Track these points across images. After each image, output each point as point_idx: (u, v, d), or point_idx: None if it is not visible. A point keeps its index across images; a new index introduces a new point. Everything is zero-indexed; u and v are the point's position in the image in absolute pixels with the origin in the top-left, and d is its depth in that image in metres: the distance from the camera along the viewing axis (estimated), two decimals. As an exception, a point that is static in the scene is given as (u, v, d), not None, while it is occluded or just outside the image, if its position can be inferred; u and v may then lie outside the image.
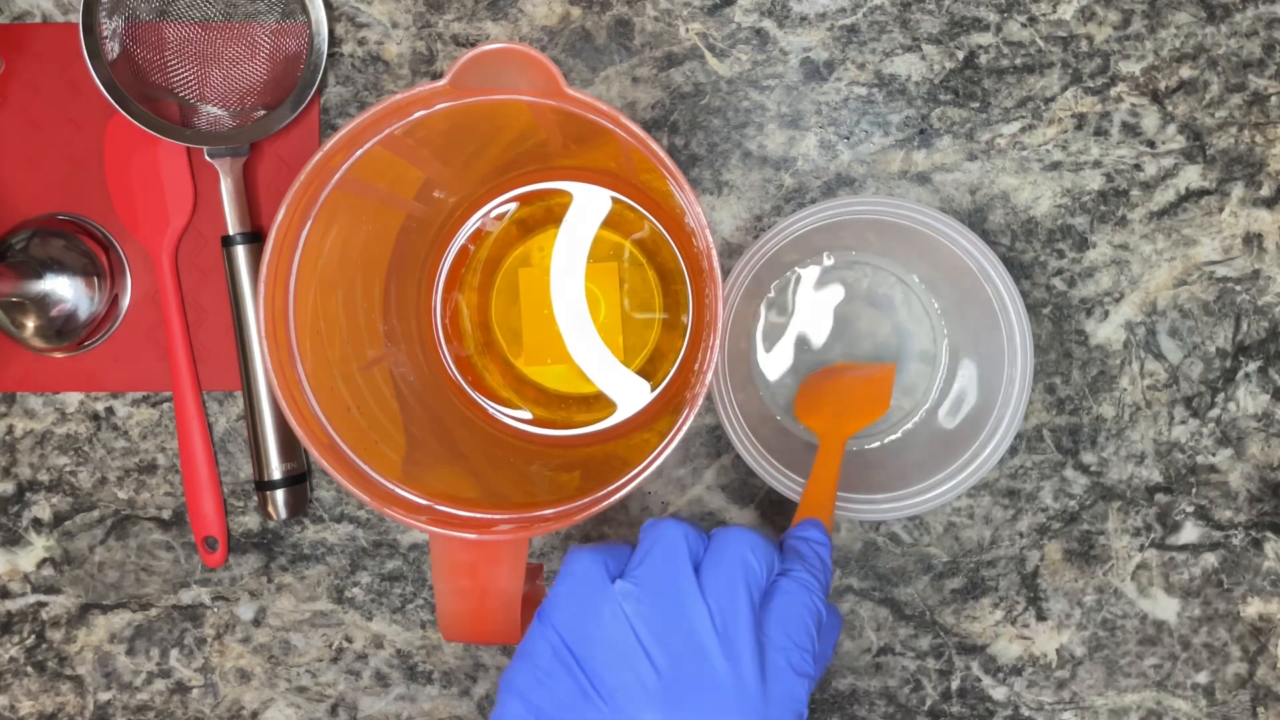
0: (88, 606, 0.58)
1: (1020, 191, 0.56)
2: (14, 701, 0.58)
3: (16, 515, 0.58)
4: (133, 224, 0.57)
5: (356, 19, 0.57)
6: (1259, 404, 0.57)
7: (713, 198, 0.57)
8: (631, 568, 0.37)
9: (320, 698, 0.58)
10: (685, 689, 0.34)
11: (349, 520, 0.58)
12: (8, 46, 0.57)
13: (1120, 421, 0.57)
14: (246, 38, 0.56)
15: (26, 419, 0.58)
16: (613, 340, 0.55)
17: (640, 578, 0.36)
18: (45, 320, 0.56)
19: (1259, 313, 0.56)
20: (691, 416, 0.41)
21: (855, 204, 0.50)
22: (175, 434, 0.58)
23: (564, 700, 0.35)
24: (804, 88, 0.56)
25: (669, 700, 0.34)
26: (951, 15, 0.56)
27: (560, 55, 0.56)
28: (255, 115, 0.56)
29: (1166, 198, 0.56)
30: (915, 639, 0.57)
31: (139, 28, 0.55)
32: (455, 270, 0.55)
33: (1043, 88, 0.56)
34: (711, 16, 0.56)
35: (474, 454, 0.52)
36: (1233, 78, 0.56)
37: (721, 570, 0.36)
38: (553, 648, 0.36)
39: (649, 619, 0.35)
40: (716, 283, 0.41)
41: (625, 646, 0.35)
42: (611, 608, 0.36)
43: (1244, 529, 0.57)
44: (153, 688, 0.58)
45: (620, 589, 0.36)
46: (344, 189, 0.45)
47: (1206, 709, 0.57)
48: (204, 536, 0.57)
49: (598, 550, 0.38)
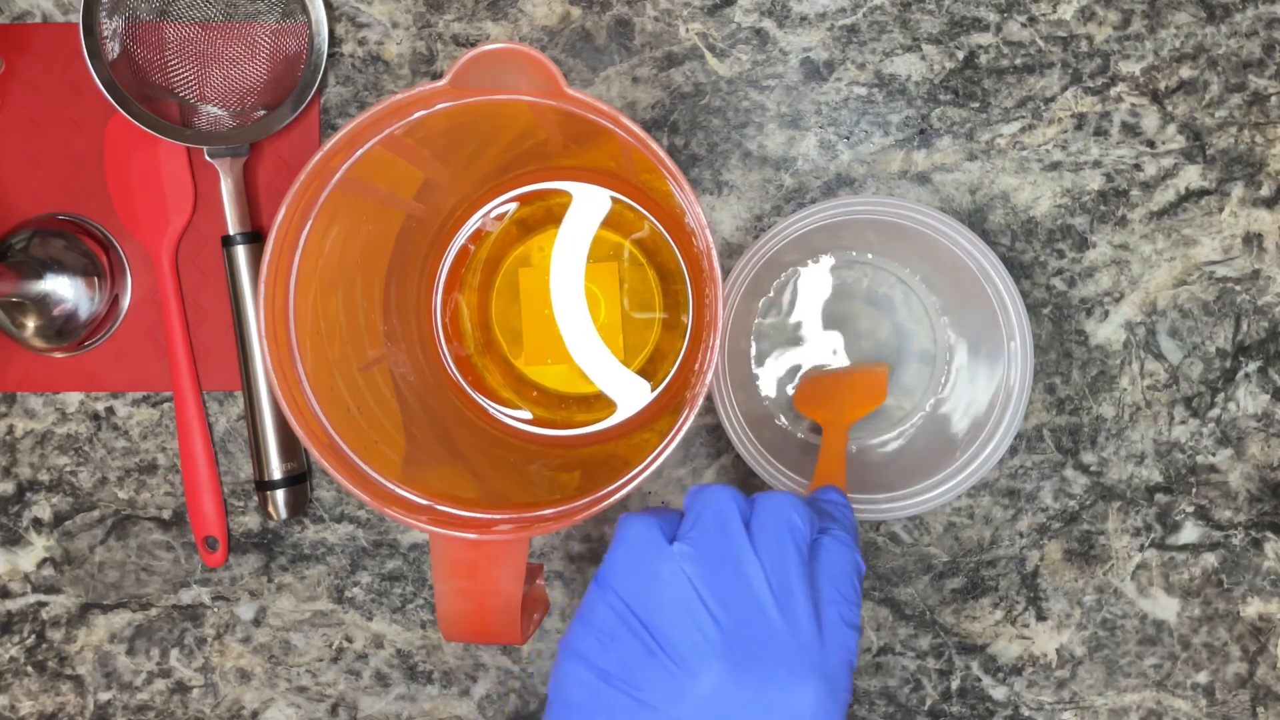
0: (88, 606, 0.58)
1: (1020, 191, 0.56)
2: (14, 701, 0.58)
3: (17, 515, 0.58)
4: (133, 224, 0.57)
5: (356, 19, 0.57)
6: (1259, 404, 0.57)
7: (713, 198, 0.57)
8: (685, 531, 0.38)
9: (320, 697, 0.58)
10: (748, 645, 0.35)
11: (349, 520, 0.58)
12: (8, 46, 0.57)
13: (1120, 421, 0.57)
14: (247, 38, 0.56)
15: (27, 419, 0.58)
16: (613, 340, 0.55)
17: (696, 539, 0.37)
18: (45, 320, 0.56)
19: (1259, 313, 0.56)
20: (691, 416, 0.41)
21: (855, 204, 0.50)
22: (175, 434, 0.58)
23: (629, 661, 0.36)
24: (804, 88, 0.56)
25: (733, 656, 0.35)
26: (951, 15, 0.56)
27: (560, 55, 0.56)
28: (255, 115, 0.56)
29: (1166, 198, 0.56)
30: (915, 639, 0.57)
31: (139, 28, 0.55)
32: (455, 270, 0.55)
33: (1043, 88, 0.56)
34: (711, 16, 0.56)
35: (474, 454, 0.52)
36: (1233, 78, 0.56)
37: (770, 532, 0.38)
38: (615, 611, 0.37)
39: (708, 579, 0.36)
40: (716, 283, 0.41)
41: (689, 606, 0.36)
42: (671, 568, 0.37)
43: (1244, 529, 0.57)
44: (153, 687, 0.58)
45: (679, 550, 0.37)
46: (344, 189, 0.45)
47: (1206, 709, 0.57)
48: (204, 536, 0.57)
49: (650, 515, 0.39)
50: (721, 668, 0.35)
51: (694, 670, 0.35)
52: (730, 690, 0.35)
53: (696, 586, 0.36)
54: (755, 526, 0.38)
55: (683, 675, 0.35)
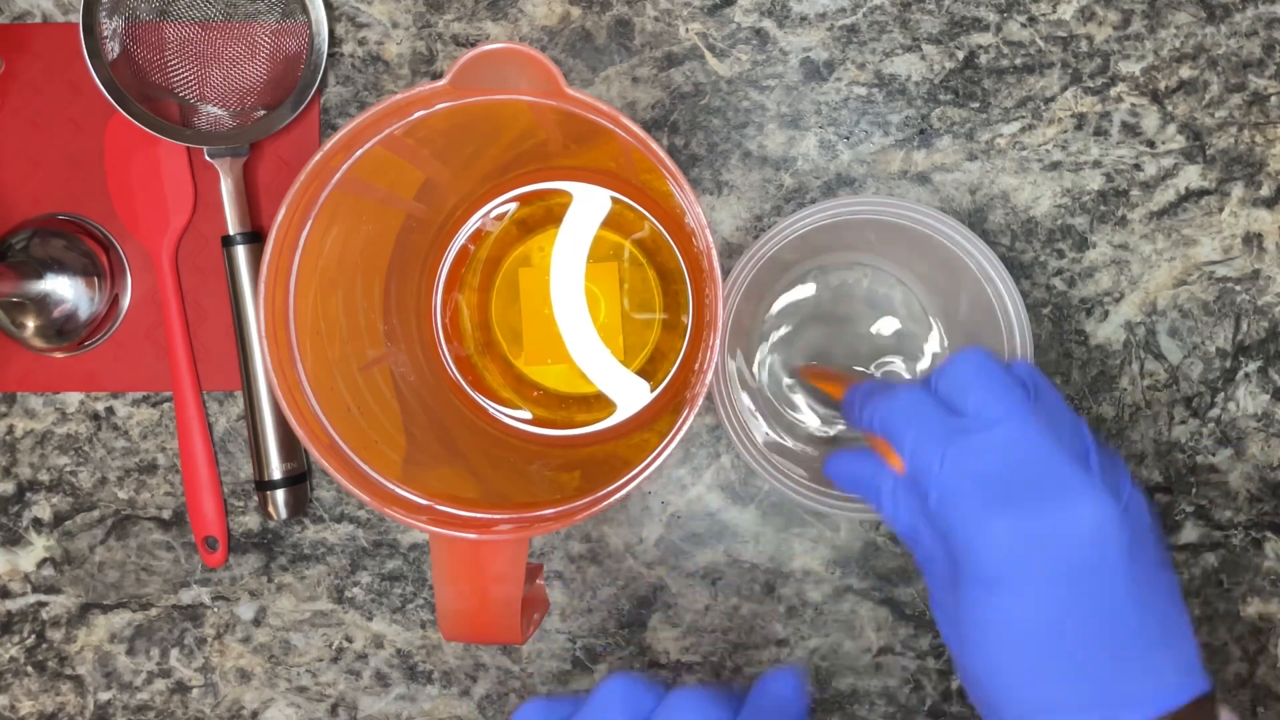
0: (88, 606, 0.58)
1: (1020, 191, 0.56)
2: (14, 701, 0.58)
3: (17, 515, 0.58)
4: (133, 224, 0.57)
5: (356, 19, 0.57)
6: (1259, 404, 0.57)
7: (713, 198, 0.57)
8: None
9: (320, 697, 0.58)
10: None
11: (349, 520, 0.58)
12: (8, 46, 0.57)
13: (1120, 421, 0.57)
14: (246, 38, 0.56)
15: (27, 419, 0.58)
16: (613, 340, 0.55)
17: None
18: (45, 320, 0.56)
19: (1259, 313, 0.56)
20: (691, 416, 0.41)
21: (855, 204, 0.50)
22: (175, 434, 0.58)
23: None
24: (804, 88, 0.56)
25: None
26: (951, 15, 0.56)
27: (560, 55, 0.56)
28: (255, 115, 0.56)
29: (1166, 198, 0.56)
30: (915, 639, 0.57)
31: (139, 28, 0.55)
32: (455, 270, 0.55)
33: (1043, 88, 0.56)
34: (711, 16, 0.56)
35: (474, 454, 0.52)
36: (1232, 78, 0.56)
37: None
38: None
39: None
40: (716, 283, 0.41)
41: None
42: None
43: (1244, 529, 0.57)
44: (153, 687, 0.58)
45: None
46: (344, 189, 0.45)
47: (1206, 709, 0.57)
48: (204, 536, 0.57)
49: (542, 702, 0.34)
50: None
51: None
52: None
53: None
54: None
55: None
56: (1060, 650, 0.35)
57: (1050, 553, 0.35)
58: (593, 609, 0.57)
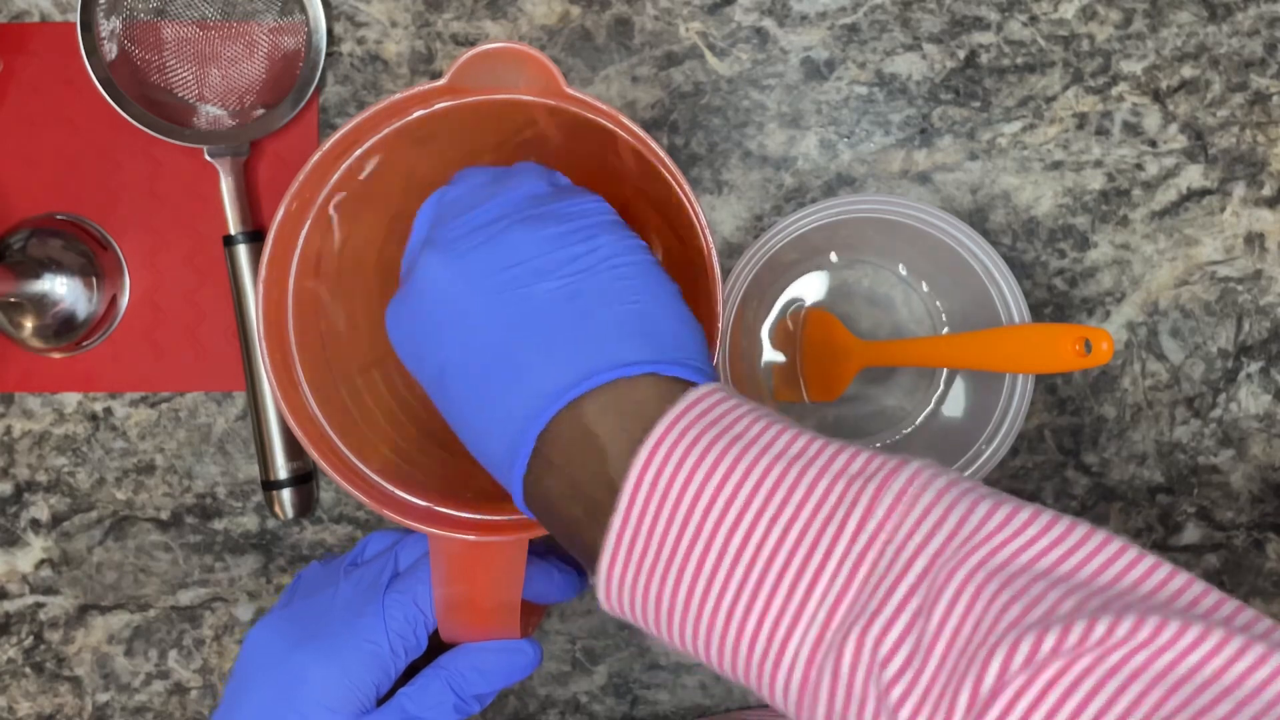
0: (86, 607, 0.58)
1: (1021, 191, 0.56)
2: (12, 703, 0.58)
3: (14, 516, 0.58)
4: (131, 223, 0.57)
5: (355, 18, 0.57)
6: (1261, 404, 0.56)
7: (713, 197, 0.57)
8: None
9: (319, 699, 0.58)
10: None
11: (348, 521, 0.58)
12: (6, 46, 0.57)
13: (1122, 422, 0.56)
14: (245, 37, 0.56)
15: (24, 419, 0.58)
16: (613, 340, 0.55)
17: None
18: (43, 320, 0.56)
19: (1261, 313, 0.56)
20: (692, 417, 0.41)
21: (856, 203, 0.50)
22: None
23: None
24: (804, 87, 0.56)
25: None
26: (952, 14, 0.56)
27: (560, 54, 0.56)
28: (254, 114, 0.56)
29: (1168, 197, 0.56)
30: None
31: (137, 27, 0.55)
32: (455, 270, 0.55)
33: (1044, 87, 0.56)
34: (711, 15, 0.56)
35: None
36: (1234, 77, 0.56)
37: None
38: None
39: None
40: (716, 283, 0.41)
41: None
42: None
43: (1246, 530, 0.57)
44: (151, 689, 0.58)
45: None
46: (343, 188, 0.45)
47: (1208, 710, 0.57)
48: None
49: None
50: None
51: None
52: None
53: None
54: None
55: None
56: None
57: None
58: (592, 609, 0.57)
